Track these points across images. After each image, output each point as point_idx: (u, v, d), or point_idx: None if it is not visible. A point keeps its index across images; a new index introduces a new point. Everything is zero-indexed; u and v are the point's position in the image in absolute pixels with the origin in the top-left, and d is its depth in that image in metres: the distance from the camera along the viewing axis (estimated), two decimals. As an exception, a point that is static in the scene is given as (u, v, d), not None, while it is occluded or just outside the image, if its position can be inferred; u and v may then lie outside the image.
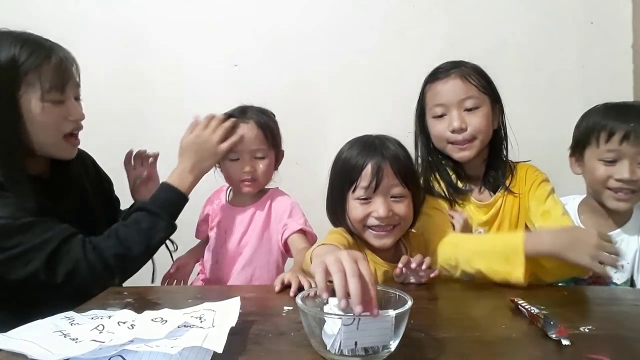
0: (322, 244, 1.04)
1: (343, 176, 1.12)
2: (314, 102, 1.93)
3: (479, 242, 1.17)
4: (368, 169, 1.07)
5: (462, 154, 1.28)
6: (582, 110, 1.35)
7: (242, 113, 1.35)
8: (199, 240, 1.50)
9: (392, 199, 1.09)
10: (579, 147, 1.31)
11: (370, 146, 1.10)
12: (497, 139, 1.33)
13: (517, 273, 1.04)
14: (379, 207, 1.07)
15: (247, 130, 1.32)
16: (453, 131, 1.26)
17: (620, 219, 1.31)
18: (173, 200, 1.20)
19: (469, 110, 1.26)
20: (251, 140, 1.32)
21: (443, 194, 1.30)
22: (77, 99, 1.15)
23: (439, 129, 1.29)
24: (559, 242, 1.04)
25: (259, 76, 1.93)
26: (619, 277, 1.27)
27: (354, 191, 1.10)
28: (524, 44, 1.91)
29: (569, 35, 1.93)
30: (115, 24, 1.92)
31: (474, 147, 1.27)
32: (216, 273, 1.38)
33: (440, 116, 1.28)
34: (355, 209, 1.10)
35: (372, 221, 1.09)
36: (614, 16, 1.93)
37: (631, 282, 1.28)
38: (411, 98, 1.29)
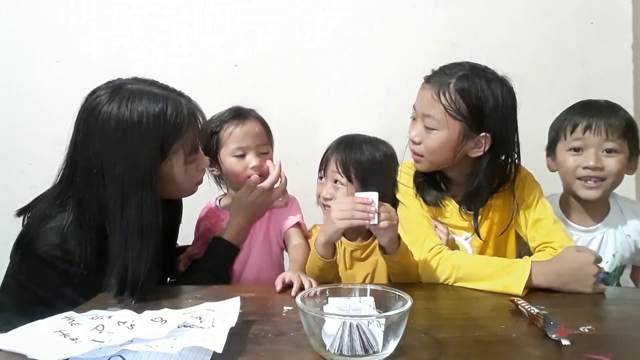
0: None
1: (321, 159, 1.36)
2: (314, 101, 1.93)
3: (481, 268, 1.11)
4: (326, 157, 1.33)
5: (415, 164, 1.27)
6: (583, 110, 1.35)
7: (239, 113, 1.35)
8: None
9: (335, 183, 1.31)
10: (552, 145, 1.40)
11: (342, 141, 1.33)
12: (479, 168, 1.21)
13: (516, 290, 1.04)
14: (323, 189, 1.32)
15: (252, 126, 1.33)
16: (410, 139, 1.24)
17: (598, 214, 1.36)
18: (230, 257, 1.30)
19: (426, 127, 1.20)
20: (257, 135, 1.34)
21: (428, 199, 1.28)
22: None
23: (409, 130, 1.26)
24: (563, 281, 1.06)
25: (259, 76, 1.93)
26: (610, 267, 1.32)
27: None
28: (524, 44, 1.91)
29: (569, 35, 1.93)
30: (114, 24, 1.92)
31: (423, 164, 1.24)
32: None
33: (414, 119, 1.25)
34: (317, 186, 1.37)
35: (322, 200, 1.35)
36: (614, 16, 1.93)
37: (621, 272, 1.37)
38: (411, 98, 1.29)
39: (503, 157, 1.23)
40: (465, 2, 1.93)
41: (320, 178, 1.36)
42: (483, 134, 1.17)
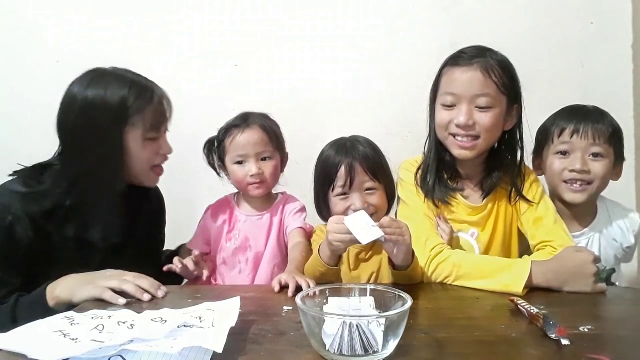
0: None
1: (323, 177, 1.27)
2: (314, 101, 1.93)
3: (481, 267, 1.12)
4: (342, 170, 1.22)
5: (462, 152, 1.22)
6: (583, 110, 1.35)
7: (244, 119, 1.37)
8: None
9: (366, 192, 1.23)
10: (539, 149, 1.40)
11: (343, 148, 1.25)
12: (506, 141, 1.28)
13: (516, 289, 1.05)
14: (356, 201, 1.21)
15: (252, 134, 1.34)
16: (458, 125, 1.19)
17: (584, 218, 1.37)
18: (38, 313, 0.97)
19: (480, 108, 1.18)
20: (256, 143, 1.34)
21: (432, 195, 1.27)
22: (166, 131, 1.27)
23: (444, 117, 1.22)
24: (562, 279, 1.07)
25: (259, 76, 1.93)
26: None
27: (333, 190, 1.25)
28: (524, 44, 1.90)
29: (569, 35, 1.93)
30: (114, 24, 1.92)
31: (476, 148, 1.21)
32: (237, 280, 1.36)
33: (450, 106, 1.21)
34: (336, 204, 1.25)
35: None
36: (614, 16, 1.92)
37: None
38: (411, 98, 1.29)
39: (520, 127, 1.28)
40: (465, 2, 1.93)
41: (344, 194, 1.23)
42: (516, 105, 1.24)
